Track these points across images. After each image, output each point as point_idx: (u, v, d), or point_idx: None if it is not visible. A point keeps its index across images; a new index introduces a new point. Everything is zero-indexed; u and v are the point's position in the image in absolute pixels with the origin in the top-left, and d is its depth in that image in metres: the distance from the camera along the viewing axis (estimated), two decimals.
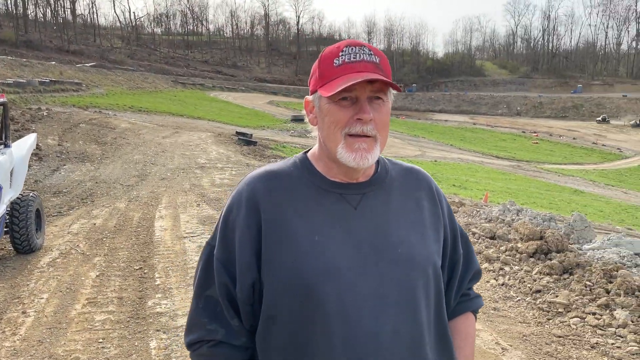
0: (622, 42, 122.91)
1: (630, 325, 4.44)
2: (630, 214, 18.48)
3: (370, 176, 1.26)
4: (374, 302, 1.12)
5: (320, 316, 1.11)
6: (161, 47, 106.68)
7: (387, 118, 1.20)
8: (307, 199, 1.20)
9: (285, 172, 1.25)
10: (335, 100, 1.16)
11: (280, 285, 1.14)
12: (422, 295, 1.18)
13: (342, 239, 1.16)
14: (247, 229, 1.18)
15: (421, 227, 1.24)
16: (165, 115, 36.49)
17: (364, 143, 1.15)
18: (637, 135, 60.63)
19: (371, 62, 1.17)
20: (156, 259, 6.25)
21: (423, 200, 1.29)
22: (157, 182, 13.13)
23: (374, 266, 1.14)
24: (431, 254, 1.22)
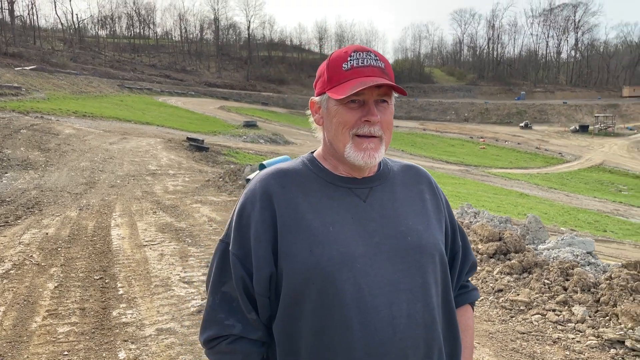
0: (561, 51, 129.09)
1: (588, 320, 4.64)
2: (572, 215, 19.30)
3: (375, 172, 1.33)
4: (388, 289, 1.17)
5: (337, 303, 1.15)
6: (106, 50, 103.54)
7: (392, 119, 1.27)
8: (319, 193, 1.25)
9: (296, 169, 1.30)
10: (344, 102, 1.21)
11: (298, 274, 1.17)
12: (432, 280, 1.24)
13: (355, 230, 1.21)
14: (262, 223, 1.21)
15: (426, 217, 1.32)
16: (112, 121, 35.47)
17: (371, 143, 1.22)
18: (576, 141, 63.65)
19: (377, 67, 1.24)
20: (117, 268, 6.06)
21: (425, 193, 1.37)
22: (107, 189, 12.75)
23: (386, 254, 1.20)
24: (437, 241, 1.29)
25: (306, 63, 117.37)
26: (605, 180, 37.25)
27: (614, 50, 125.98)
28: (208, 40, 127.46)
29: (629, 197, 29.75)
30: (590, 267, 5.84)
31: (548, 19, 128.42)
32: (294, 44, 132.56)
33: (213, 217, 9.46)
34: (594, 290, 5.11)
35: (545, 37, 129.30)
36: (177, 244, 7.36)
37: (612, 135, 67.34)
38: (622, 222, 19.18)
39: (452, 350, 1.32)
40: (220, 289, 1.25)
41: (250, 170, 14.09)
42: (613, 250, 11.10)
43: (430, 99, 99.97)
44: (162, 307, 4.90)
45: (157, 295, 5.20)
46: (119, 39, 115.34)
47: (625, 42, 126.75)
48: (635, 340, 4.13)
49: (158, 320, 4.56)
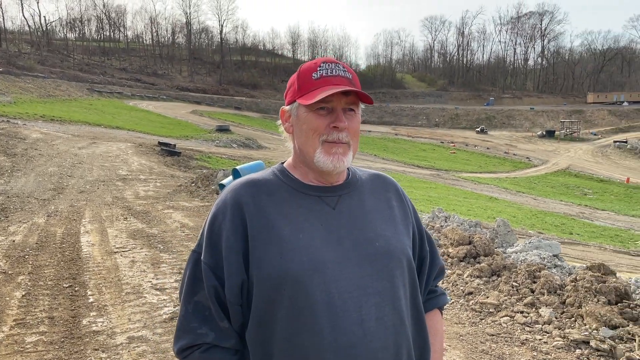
0: (529, 58, 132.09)
1: (554, 322, 4.78)
2: (539, 218, 19.74)
3: (344, 180, 1.37)
4: (357, 293, 1.21)
5: (308, 308, 1.18)
6: (75, 53, 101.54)
7: (359, 128, 1.33)
8: (289, 202, 1.29)
9: (266, 179, 1.34)
10: (313, 109, 1.26)
11: (269, 281, 1.20)
12: (400, 284, 1.28)
13: (324, 236, 1.24)
14: (233, 233, 1.24)
15: (393, 224, 1.36)
16: (81, 125, 34.82)
17: (340, 148, 1.27)
18: (543, 145, 65.16)
19: (345, 77, 1.29)
20: (87, 276, 5.96)
21: (392, 200, 1.41)
22: (76, 195, 12.52)
23: (355, 259, 1.24)
24: (404, 246, 1.33)
25: (279, 68, 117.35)
26: (571, 184, 38.23)
27: (578, 58, 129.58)
28: (180, 44, 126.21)
29: (593, 200, 30.59)
30: (556, 269, 6.00)
31: (515, 26, 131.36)
32: (267, 49, 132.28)
33: (185, 223, 9.38)
34: (560, 292, 5.25)
35: (513, 45, 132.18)
36: (148, 251, 7.27)
37: (578, 140, 69.15)
38: (588, 224, 19.72)
39: (421, 354, 1.36)
40: (193, 299, 1.27)
41: (223, 175, 14.01)
42: (579, 252, 11.41)
43: (402, 104, 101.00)
44: (134, 314, 4.84)
45: (129, 303, 5.14)
46: (88, 42, 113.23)
47: (590, 50, 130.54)
48: (600, 340, 4.27)
49: (129, 328, 4.51)
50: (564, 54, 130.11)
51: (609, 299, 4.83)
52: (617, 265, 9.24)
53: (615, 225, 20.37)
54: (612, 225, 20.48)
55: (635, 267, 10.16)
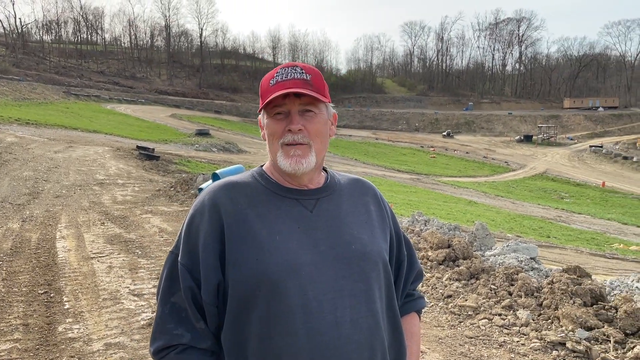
0: (507, 64, 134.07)
1: (531, 324, 4.84)
2: (518, 222, 20.01)
3: (323, 184, 1.38)
4: (332, 295, 1.22)
5: (284, 309, 1.18)
6: (51, 55, 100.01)
7: (321, 128, 1.33)
8: (267, 204, 1.30)
9: (244, 182, 1.35)
10: (271, 115, 1.30)
11: (245, 283, 1.21)
12: (376, 287, 1.29)
13: (301, 239, 1.25)
14: (210, 234, 1.25)
15: (370, 227, 1.36)
16: (57, 129, 34.29)
17: (298, 150, 1.28)
18: (521, 150, 66.14)
19: (301, 79, 1.30)
20: (62, 282, 5.85)
21: (370, 205, 1.42)
22: (52, 200, 12.30)
23: (331, 262, 1.24)
24: (381, 250, 1.34)
25: (260, 71, 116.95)
26: (548, 188, 38.86)
27: (555, 64, 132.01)
28: (159, 47, 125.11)
29: (570, 204, 31.13)
30: (533, 272, 6.08)
31: (494, 32, 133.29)
32: (248, 53, 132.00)
33: (164, 228, 9.28)
34: (537, 294, 5.32)
35: (491, 50, 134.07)
36: (126, 256, 7.17)
37: (555, 145, 70.38)
38: (565, 228, 20.05)
39: (397, 356, 1.36)
40: (170, 299, 1.27)
41: (202, 180, 13.91)
42: (556, 255, 11.58)
43: (383, 109, 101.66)
44: (111, 321, 4.76)
45: (106, 309, 5.06)
46: (65, 44, 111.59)
47: (566, 56, 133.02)
48: (576, 342, 4.33)
49: (106, 335, 4.43)
50: (541, 60, 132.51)
51: (584, 300, 4.91)
52: (593, 268, 9.40)
53: (591, 229, 20.75)
54: (588, 228, 20.86)
55: (611, 270, 10.36)
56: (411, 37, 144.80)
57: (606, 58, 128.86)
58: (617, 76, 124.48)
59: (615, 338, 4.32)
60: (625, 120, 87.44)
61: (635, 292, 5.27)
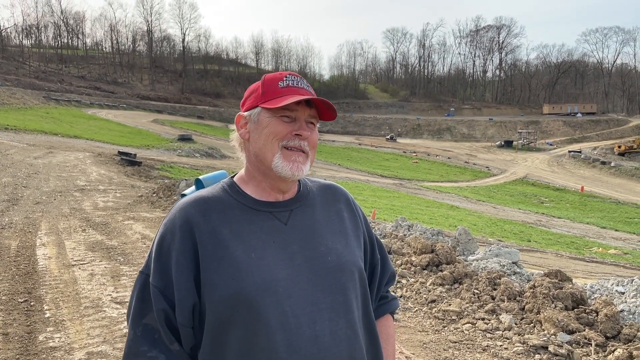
0: (487, 70, 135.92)
1: (514, 328, 4.89)
2: (499, 226, 20.22)
3: (296, 193, 1.37)
4: (310, 309, 1.21)
5: (262, 327, 1.17)
6: (31, 60, 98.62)
7: (317, 140, 1.35)
8: (240, 220, 1.27)
9: (216, 196, 1.31)
10: (277, 115, 1.28)
11: (222, 303, 1.18)
12: (353, 296, 1.29)
13: (277, 254, 1.23)
14: (183, 253, 1.21)
15: (345, 236, 1.36)
16: (37, 134, 33.83)
17: (300, 156, 1.28)
18: (502, 155, 66.95)
19: (310, 92, 1.33)
20: (43, 290, 5.74)
21: (343, 212, 1.42)
22: (32, 206, 12.10)
23: (307, 275, 1.23)
24: (356, 259, 1.34)
25: (243, 77, 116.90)
26: (528, 193, 39.35)
27: (534, 70, 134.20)
28: (141, 52, 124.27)
29: (550, 208, 31.56)
30: (515, 276, 6.15)
31: (474, 39, 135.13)
32: (230, 58, 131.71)
33: (146, 234, 9.19)
34: (519, 298, 5.38)
35: (472, 57, 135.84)
36: (108, 263, 7.08)
37: (534, 150, 71.43)
38: (545, 232, 20.31)
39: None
40: (142, 321, 1.23)
41: (185, 185, 13.81)
42: (537, 259, 11.73)
43: (365, 115, 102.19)
44: (93, 329, 4.70)
45: (87, 317, 4.99)
46: (45, 48, 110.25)
47: (545, 63, 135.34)
48: (558, 345, 4.39)
49: (88, 344, 4.37)
50: (521, 67, 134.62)
51: (566, 304, 4.98)
52: (573, 272, 9.54)
53: (570, 233, 21.06)
54: (567, 232, 21.16)
55: (590, 273, 10.52)
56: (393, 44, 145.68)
57: (584, 65, 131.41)
58: (595, 83, 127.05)
59: (596, 341, 4.38)
60: (603, 126, 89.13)
61: (615, 295, 5.36)
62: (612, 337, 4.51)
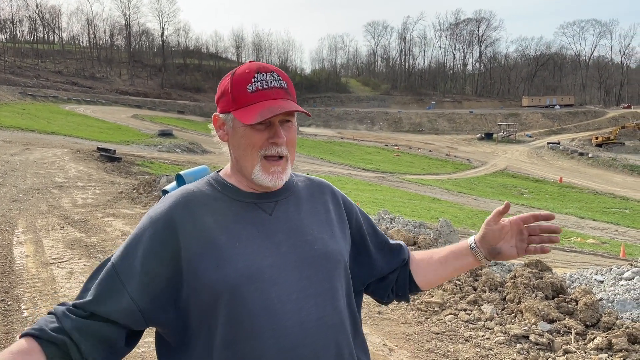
0: (467, 63, 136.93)
1: (495, 318, 4.93)
2: (480, 218, 20.43)
3: (280, 186, 1.34)
4: (297, 295, 1.21)
5: (247, 314, 1.17)
6: (6, 55, 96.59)
7: (295, 137, 1.32)
8: (225, 211, 1.26)
9: (201, 190, 1.31)
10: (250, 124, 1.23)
11: (206, 292, 1.18)
12: (339, 285, 1.30)
13: (261, 243, 1.23)
14: (161, 243, 1.20)
15: (331, 227, 1.36)
16: (13, 130, 33.23)
17: (279, 167, 1.26)
18: (482, 147, 67.61)
19: (281, 88, 1.27)
20: (20, 289, 5.64)
21: (329, 204, 1.41)
22: (8, 204, 11.88)
23: (293, 263, 1.24)
24: (341, 249, 1.35)
25: (223, 71, 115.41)
26: (508, 184, 39.85)
27: (513, 63, 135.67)
28: (119, 46, 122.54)
29: (529, 199, 32.00)
30: (496, 267, 6.21)
31: (454, 32, 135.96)
32: (211, 52, 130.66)
33: (126, 231, 9.07)
34: (500, 289, 5.44)
35: (452, 50, 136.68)
36: (87, 261, 6.98)
37: (514, 142, 72.26)
38: None
39: (362, 349, 1.37)
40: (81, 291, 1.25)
41: (166, 181, 13.67)
42: None
43: (347, 108, 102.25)
44: None
45: None
46: (20, 43, 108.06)
47: (524, 56, 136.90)
48: (538, 334, 4.44)
49: None
50: (500, 59, 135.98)
51: (546, 294, 5.04)
52: (552, 262, 9.67)
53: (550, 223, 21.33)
54: None
55: (569, 263, 10.69)
56: (374, 37, 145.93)
57: (562, 57, 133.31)
58: (573, 75, 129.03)
59: (576, 330, 4.44)
60: (581, 118, 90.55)
61: (594, 284, 5.45)
62: (591, 326, 4.58)
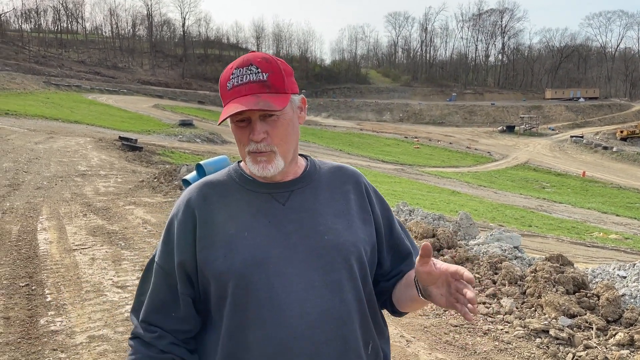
0: (490, 55, 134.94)
1: (515, 312, 4.89)
2: (500, 212, 20.22)
3: (300, 174, 1.36)
4: (303, 286, 1.21)
5: (252, 302, 1.20)
6: (30, 45, 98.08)
7: (285, 130, 1.26)
8: (239, 202, 1.30)
9: (220, 180, 1.36)
10: (234, 121, 1.25)
11: (215, 280, 1.23)
12: (348, 278, 1.27)
13: (271, 233, 1.25)
14: (184, 233, 1.28)
15: (348, 217, 1.33)
16: (38, 119, 33.76)
17: (263, 157, 1.25)
18: (503, 140, 66.74)
19: (257, 82, 1.22)
20: (44, 274, 5.76)
21: (350, 194, 1.38)
22: (33, 191, 12.10)
23: (302, 254, 1.24)
24: (358, 240, 1.31)
25: None
26: (530, 178, 39.31)
27: (537, 55, 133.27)
28: (141, 36, 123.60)
29: (551, 193, 31.55)
30: (517, 260, 6.15)
31: (477, 23, 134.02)
32: (231, 42, 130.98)
33: (148, 219, 9.19)
34: (520, 282, 5.38)
35: (474, 41, 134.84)
36: (109, 248, 7.09)
37: (536, 135, 71.15)
38: (546, 217, 20.31)
39: (373, 347, 1.33)
40: (140, 298, 1.36)
41: (186, 171, 13.78)
42: (538, 244, 11.73)
43: (367, 100, 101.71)
44: (94, 313, 4.71)
45: (89, 301, 5.00)
46: (44, 33, 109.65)
47: (548, 47, 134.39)
48: (559, 329, 4.39)
49: (90, 327, 4.38)
50: (524, 51, 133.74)
51: (567, 288, 4.97)
52: (573, 256, 9.53)
53: (571, 218, 21.06)
54: (568, 217, 21.17)
55: (591, 258, 10.53)
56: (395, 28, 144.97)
57: (587, 49, 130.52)
58: (598, 67, 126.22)
59: (598, 325, 4.38)
60: (606, 111, 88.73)
61: (617, 279, 5.36)
62: (613, 321, 4.51)
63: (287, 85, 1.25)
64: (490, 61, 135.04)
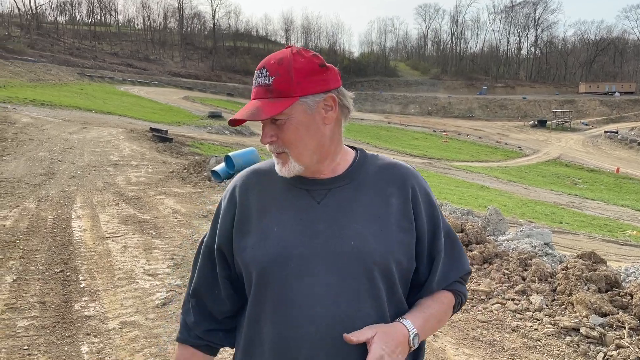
0: (522, 48, 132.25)
1: (545, 309, 4.82)
2: (530, 207, 19.87)
3: (343, 171, 1.31)
4: (318, 290, 1.19)
5: (269, 299, 1.22)
6: (65, 37, 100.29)
7: (293, 134, 1.22)
8: (276, 195, 1.30)
9: (265, 171, 1.37)
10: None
11: (244, 269, 1.28)
12: (368, 286, 1.21)
13: (299, 230, 1.24)
14: (225, 217, 1.34)
15: (383, 223, 1.25)
16: (72, 110, 34.48)
17: (279, 159, 1.27)
18: (535, 135, 65.45)
19: (262, 86, 1.21)
20: (78, 261, 5.92)
21: (392, 197, 1.29)
22: (67, 180, 12.42)
23: (323, 257, 1.21)
24: (388, 250, 1.23)
25: None
26: (561, 174, 38.49)
27: (571, 48, 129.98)
28: (172, 29, 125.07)
29: (583, 190, 30.84)
30: (547, 257, 6.05)
31: (509, 15, 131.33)
32: (260, 35, 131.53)
33: (177, 209, 9.34)
34: (550, 280, 5.30)
35: (506, 34, 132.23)
36: (140, 236, 7.25)
37: (569, 130, 69.50)
38: (577, 214, 19.87)
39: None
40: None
41: (215, 162, 13.95)
42: (568, 241, 11.50)
43: (395, 93, 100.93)
44: (126, 299, 4.83)
45: (121, 288, 5.13)
46: (78, 25, 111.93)
47: (582, 40, 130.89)
48: (590, 328, 4.32)
49: (122, 313, 4.50)
50: (557, 44, 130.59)
51: (599, 287, 4.87)
52: (605, 254, 9.32)
53: (604, 215, 20.55)
54: (601, 214, 20.66)
55: (623, 256, 10.27)
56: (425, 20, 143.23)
57: (624, 42, 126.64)
58: (635, 61, 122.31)
59: (630, 325, 4.29)
60: None
61: None
62: None
63: (294, 88, 1.18)
64: (522, 54, 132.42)
